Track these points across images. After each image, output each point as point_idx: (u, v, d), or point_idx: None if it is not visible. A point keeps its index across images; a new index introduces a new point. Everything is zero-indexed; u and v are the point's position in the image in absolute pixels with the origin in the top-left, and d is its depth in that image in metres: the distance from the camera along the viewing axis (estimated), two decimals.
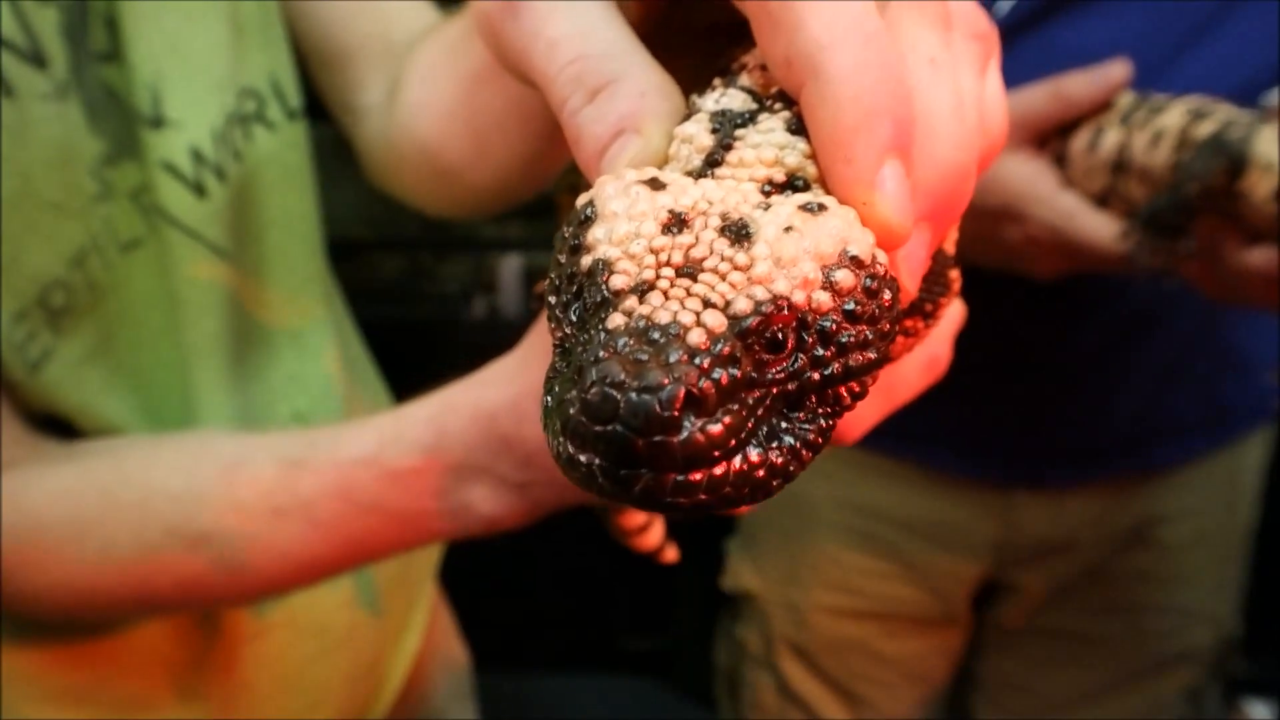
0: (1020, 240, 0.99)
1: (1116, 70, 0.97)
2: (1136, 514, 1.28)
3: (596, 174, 0.37)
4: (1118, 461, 1.26)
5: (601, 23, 0.39)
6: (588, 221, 0.33)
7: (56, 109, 0.67)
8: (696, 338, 0.29)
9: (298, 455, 0.65)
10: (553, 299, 0.34)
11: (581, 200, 0.34)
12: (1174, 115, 0.94)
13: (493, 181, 0.75)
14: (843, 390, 0.32)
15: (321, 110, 0.89)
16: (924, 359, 0.53)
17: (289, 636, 0.83)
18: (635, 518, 0.70)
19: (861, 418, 0.51)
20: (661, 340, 0.29)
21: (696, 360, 0.29)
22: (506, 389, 0.59)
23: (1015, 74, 1.05)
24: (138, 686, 0.80)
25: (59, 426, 0.73)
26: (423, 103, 0.75)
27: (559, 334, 0.33)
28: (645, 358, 0.29)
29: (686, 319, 0.30)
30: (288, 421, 0.84)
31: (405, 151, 0.80)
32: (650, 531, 0.71)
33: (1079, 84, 0.98)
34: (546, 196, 0.80)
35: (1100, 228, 0.95)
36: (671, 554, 0.73)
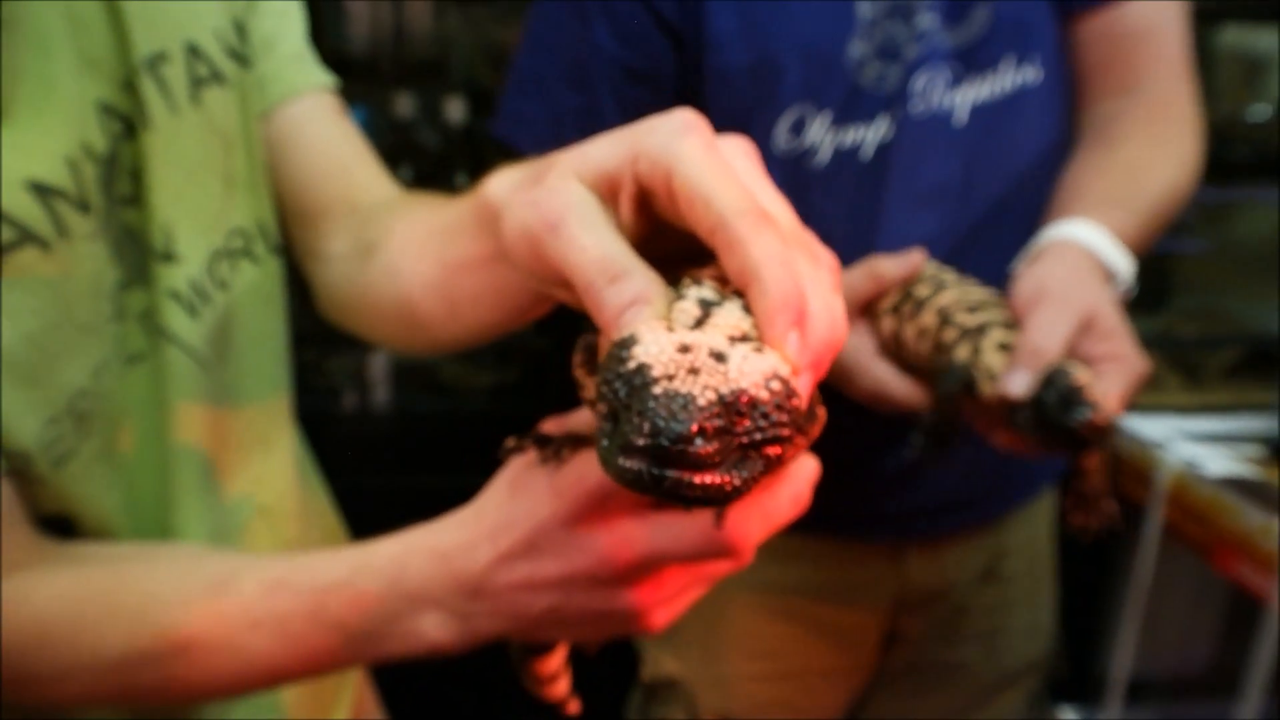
0: (855, 393, 1.23)
1: (915, 256, 1.21)
2: (991, 552, 1.51)
3: (615, 331, 0.56)
4: (985, 508, 1.48)
5: (616, 241, 0.59)
6: (630, 342, 0.53)
7: (92, 247, 0.79)
8: (702, 401, 0.50)
9: (278, 576, 0.76)
10: (604, 388, 0.53)
11: (624, 334, 0.54)
12: (929, 316, 1.17)
13: (459, 337, 0.88)
14: (769, 450, 0.53)
15: None
16: (791, 495, 0.70)
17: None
18: (549, 665, 0.83)
19: (748, 535, 0.68)
20: (683, 401, 0.50)
21: (703, 412, 0.50)
22: (462, 533, 0.72)
23: (834, 204, 1.29)
24: None
25: (54, 526, 0.82)
26: (401, 271, 0.88)
27: (606, 408, 0.52)
28: (676, 409, 0.49)
29: (696, 391, 0.50)
30: (251, 515, 0.96)
31: (376, 303, 0.93)
32: (559, 682, 0.85)
33: (889, 266, 1.20)
34: None
35: (906, 393, 1.19)
36: (574, 706, 0.87)
